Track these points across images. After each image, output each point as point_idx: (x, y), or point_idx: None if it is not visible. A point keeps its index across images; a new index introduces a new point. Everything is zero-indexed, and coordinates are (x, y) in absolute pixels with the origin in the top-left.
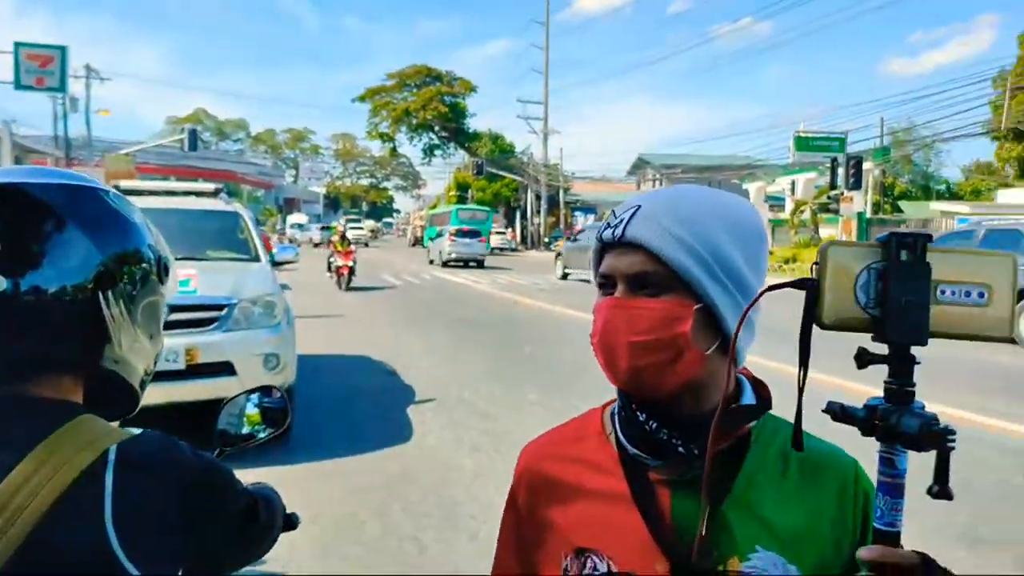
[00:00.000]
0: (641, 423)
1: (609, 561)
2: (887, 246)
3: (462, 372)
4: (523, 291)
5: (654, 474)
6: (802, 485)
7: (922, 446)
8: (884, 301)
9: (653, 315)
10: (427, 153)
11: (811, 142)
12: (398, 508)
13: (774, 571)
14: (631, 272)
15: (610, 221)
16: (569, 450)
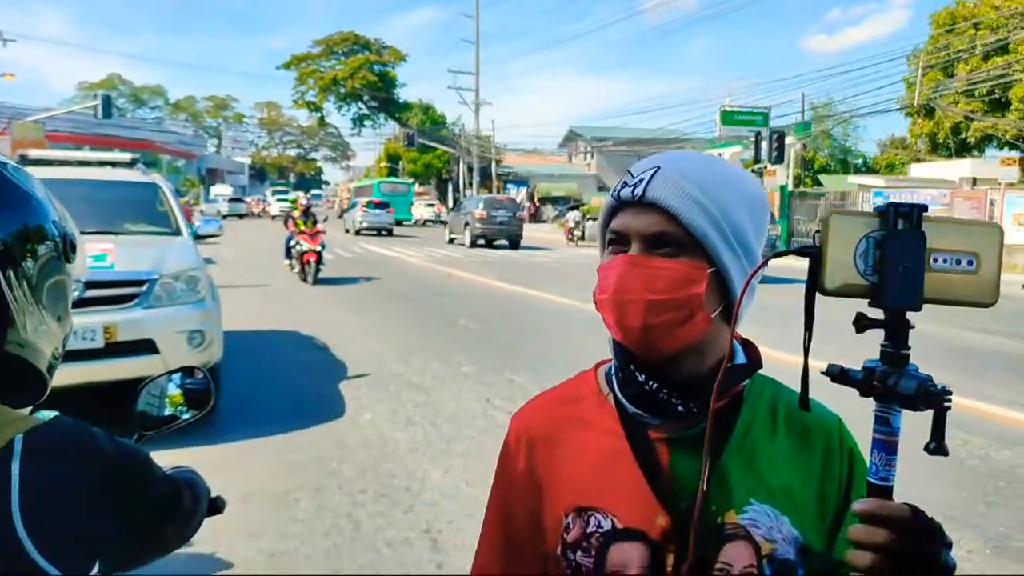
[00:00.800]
0: (640, 383)
1: (613, 518)
2: (885, 216)
3: (396, 346)
4: (457, 263)
5: (653, 432)
6: (790, 441)
7: (918, 406)
8: (882, 268)
9: (671, 275)
10: (357, 123)
11: (736, 116)
12: (333, 484)
13: (767, 522)
14: (649, 232)
15: (627, 180)
16: (566, 411)
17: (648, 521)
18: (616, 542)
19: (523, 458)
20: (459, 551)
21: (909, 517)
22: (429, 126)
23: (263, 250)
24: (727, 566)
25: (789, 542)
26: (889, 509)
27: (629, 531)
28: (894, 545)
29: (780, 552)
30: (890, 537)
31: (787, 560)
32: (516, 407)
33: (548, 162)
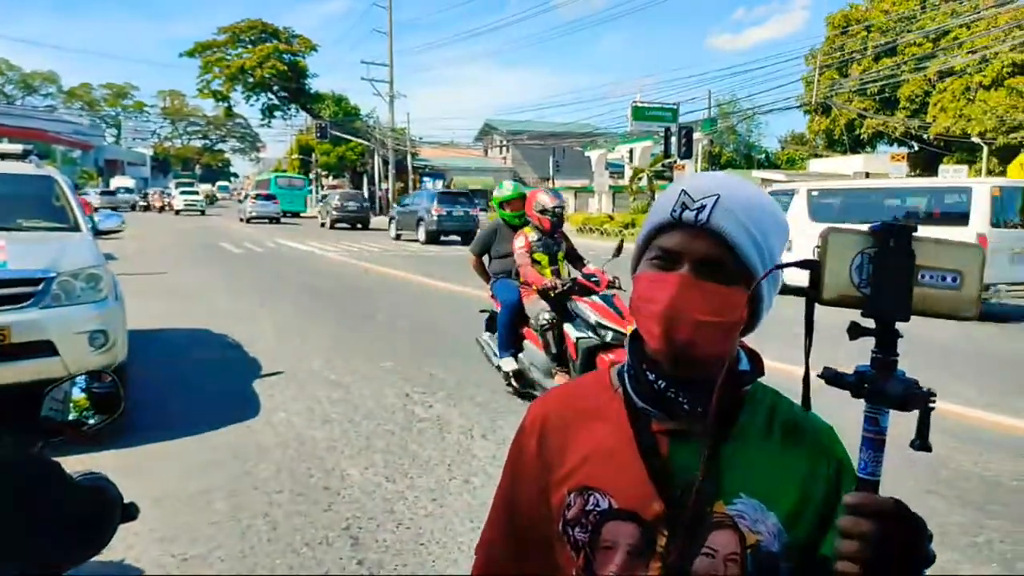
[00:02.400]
0: (651, 382)
1: (610, 499)
2: (878, 235)
3: (312, 342)
4: (374, 258)
5: (657, 425)
6: (783, 445)
7: (907, 406)
8: (874, 282)
9: (724, 300)
10: (266, 114)
11: (647, 112)
12: (248, 485)
13: (754, 515)
14: (705, 256)
15: (686, 203)
16: (579, 402)
17: (642, 504)
18: (610, 520)
19: (536, 441)
20: (381, 548)
21: (893, 509)
22: (342, 118)
23: (171, 245)
24: (712, 551)
25: (774, 536)
26: (875, 501)
27: (624, 511)
28: (879, 535)
29: (765, 544)
30: (875, 527)
31: (771, 552)
32: (436, 401)
33: (464, 155)
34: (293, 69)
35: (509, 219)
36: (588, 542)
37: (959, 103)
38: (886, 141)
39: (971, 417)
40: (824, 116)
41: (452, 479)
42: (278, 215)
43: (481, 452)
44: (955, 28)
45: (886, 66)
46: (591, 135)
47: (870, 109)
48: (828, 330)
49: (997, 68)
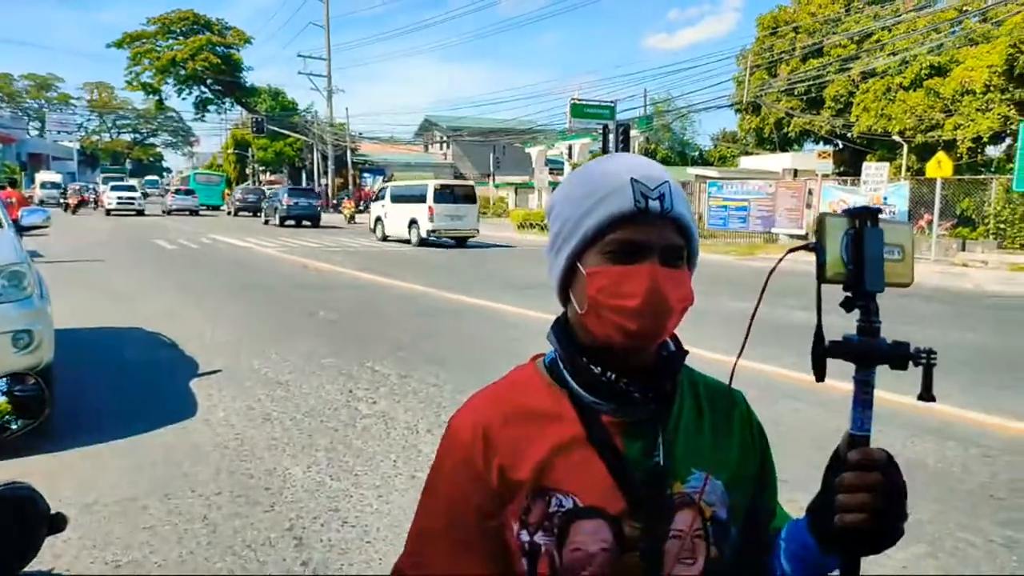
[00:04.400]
0: (597, 374)
1: (574, 498)
2: (857, 216)
3: (250, 340)
4: (313, 254)
5: (607, 417)
6: (713, 415)
7: (912, 363)
8: (858, 259)
9: (686, 285)
10: (199, 108)
11: (585, 109)
12: (185, 488)
13: (707, 488)
14: (671, 244)
15: (644, 192)
16: (519, 402)
17: (607, 499)
18: (577, 520)
19: (480, 451)
20: (327, 548)
21: (888, 460)
22: (279, 112)
23: (100, 243)
24: (680, 532)
25: (723, 504)
26: (875, 455)
27: (590, 509)
28: (884, 484)
29: (718, 514)
30: (879, 478)
31: (722, 519)
32: (380, 397)
33: (405, 151)
34: (227, 62)
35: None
36: (556, 546)
37: (881, 103)
38: (813, 139)
39: (896, 402)
40: (754, 115)
41: (398, 475)
42: (196, 208)
43: (427, 447)
44: (877, 31)
45: (813, 67)
46: (531, 132)
47: (797, 108)
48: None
49: (916, 70)
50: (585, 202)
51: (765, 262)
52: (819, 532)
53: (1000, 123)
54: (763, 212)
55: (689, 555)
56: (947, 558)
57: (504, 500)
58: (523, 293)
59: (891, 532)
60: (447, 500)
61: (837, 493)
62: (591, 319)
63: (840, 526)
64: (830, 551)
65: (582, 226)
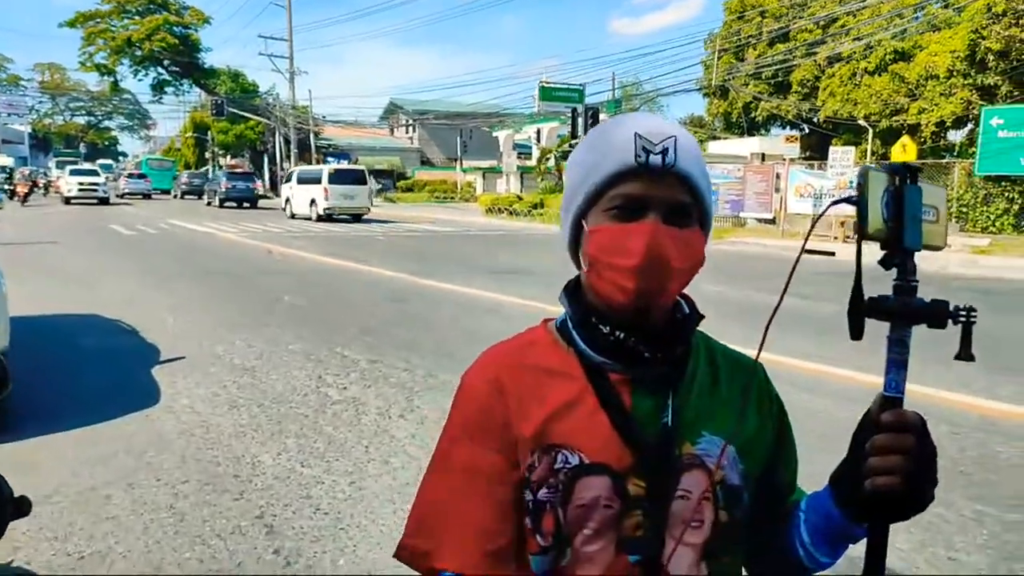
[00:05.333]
0: (606, 334)
1: (580, 454)
2: (893, 175)
3: (214, 326)
4: (277, 239)
5: (614, 375)
6: (729, 382)
7: (952, 321)
8: (897, 216)
9: (692, 244)
10: (156, 90)
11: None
12: (150, 477)
13: (717, 451)
14: (675, 201)
15: (646, 146)
16: (529, 359)
17: (613, 456)
18: (583, 476)
19: (497, 400)
20: (299, 535)
21: (922, 423)
22: (240, 95)
23: (56, 228)
24: (687, 492)
25: (735, 469)
26: (909, 417)
27: (596, 465)
28: (918, 447)
29: (729, 478)
30: (913, 441)
31: (734, 485)
32: (350, 383)
33: (369, 135)
34: (185, 43)
35: None
36: (561, 501)
37: (846, 87)
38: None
39: (862, 381)
40: (722, 99)
41: (371, 461)
42: (149, 192)
43: (399, 432)
44: (843, 16)
45: (779, 51)
46: (498, 115)
47: (765, 93)
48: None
49: (880, 55)
50: (590, 159)
51: (735, 246)
52: (846, 499)
53: (963, 108)
54: (732, 196)
55: (697, 517)
56: (921, 533)
57: (517, 455)
58: (494, 277)
59: (921, 497)
60: (467, 453)
61: (869, 456)
62: (593, 277)
63: (871, 490)
64: (858, 518)
65: (587, 183)
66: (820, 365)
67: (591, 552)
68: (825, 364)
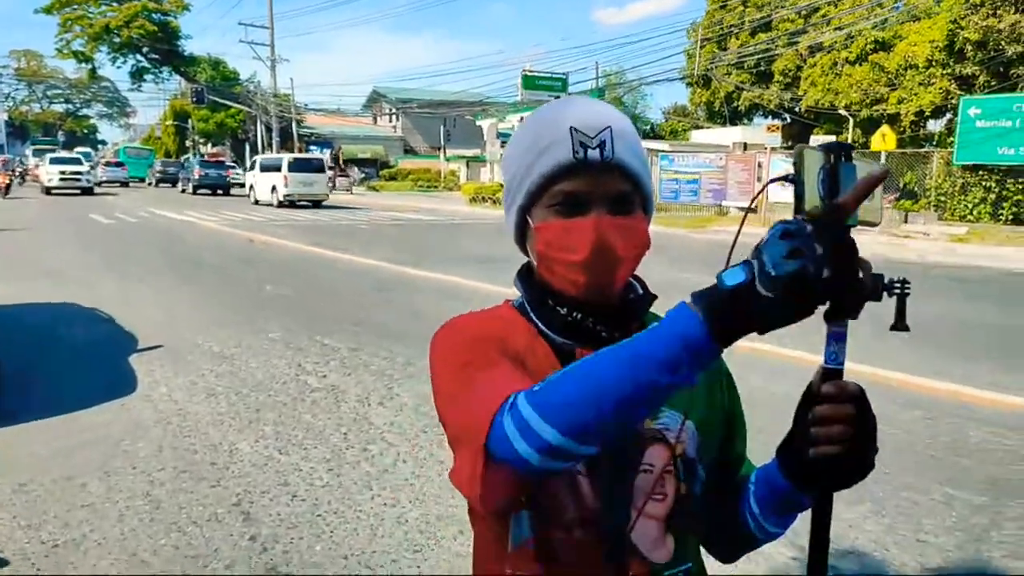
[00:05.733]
0: (563, 315)
1: None
2: (828, 153)
3: (193, 315)
4: (258, 228)
5: (580, 351)
6: None
7: (887, 294)
8: (832, 195)
9: (637, 232)
10: (136, 77)
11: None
12: (126, 465)
13: (675, 425)
14: (615, 192)
15: (583, 141)
16: (500, 329)
17: None
18: None
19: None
20: (275, 522)
21: (861, 392)
22: (220, 82)
23: (34, 217)
24: (649, 466)
25: (692, 442)
26: (849, 387)
27: None
28: (857, 416)
29: (688, 452)
30: (854, 410)
31: (691, 458)
32: (330, 371)
33: (352, 123)
34: (164, 29)
35: None
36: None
37: (827, 77)
38: (762, 113)
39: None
40: (705, 88)
41: (349, 448)
42: (126, 180)
43: (378, 419)
44: (824, 5)
45: (762, 41)
46: (482, 104)
47: (747, 82)
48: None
49: (861, 44)
50: (528, 155)
51: (718, 235)
52: (792, 469)
53: (941, 97)
54: (714, 185)
55: (660, 490)
56: (892, 516)
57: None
58: (477, 266)
59: (863, 464)
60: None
61: (811, 426)
62: (544, 272)
63: (815, 458)
64: (803, 488)
65: (528, 180)
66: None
67: (558, 524)
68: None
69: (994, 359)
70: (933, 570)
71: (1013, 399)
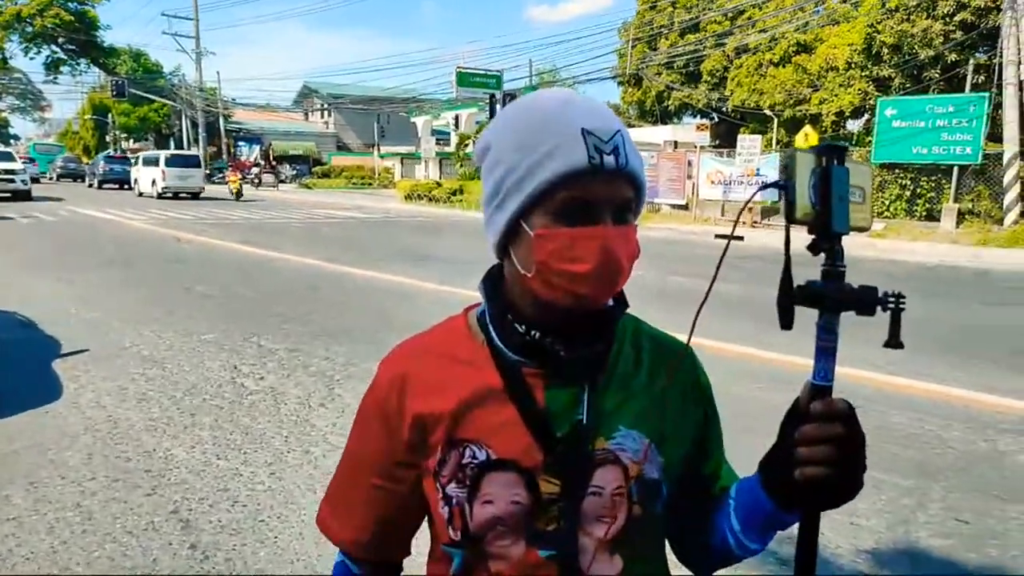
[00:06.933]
0: (521, 333)
1: (488, 450)
2: (825, 154)
3: (121, 318)
4: (186, 226)
5: (528, 369)
6: (652, 370)
7: (880, 308)
8: (825, 199)
9: (635, 240)
10: (51, 69)
11: (471, 78)
12: (53, 475)
13: (634, 446)
14: (624, 200)
15: (599, 146)
16: (440, 351)
17: (523, 452)
18: (490, 472)
19: (394, 398)
20: (216, 529)
21: (851, 411)
22: (142, 75)
23: None
24: (599, 488)
25: (653, 463)
26: (837, 405)
27: (503, 461)
28: (846, 435)
29: (646, 472)
30: (842, 429)
31: (652, 479)
32: (268, 372)
33: (283, 119)
34: (81, 19)
35: None
36: (466, 498)
37: (753, 78)
38: (691, 112)
39: (777, 360)
40: (636, 88)
41: (290, 451)
42: (37, 176)
43: (320, 421)
44: (749, 8)
45: (690, 42)
46: (416, 101)
47: (677, 82)
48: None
49: (784, 47)
50: (531, 154)
51: (651, 232)
52: (775, 487)
53: (860, 98)
54: (647, 183)
55: (607, 513)
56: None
57: (420, 449)
58: (413, 263)
59: (852, 484)
60: (356, 444)
61: (798, 446)
62: (538, 283)
63: (801, 480)
64: (787, 506)
65: (529, 182)
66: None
67: (502, 548)
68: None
69: (914, 349)
70: (866, 552)
71: (933, 386)
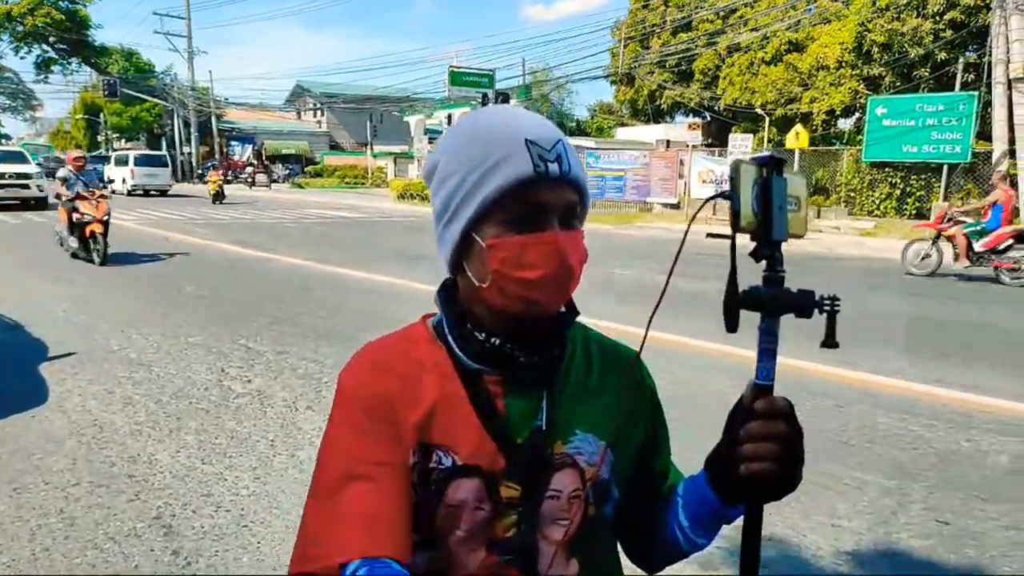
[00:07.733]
0: (481, 340)
1: (454, 455)
2: (766, 165)
3: (108, 320)
4: (176, 226)
5: (489, 377)
6: (602, 374)
7: (817, 311)
8: (765, 208)
9: (583, 244)
10: (42, 68)
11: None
12: (37, 480)
13: (589, 449)
14: (569, 204)
15: (543, 155)
16: (405, 355)
17: (486, 458)
18: (455, 478)
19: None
20: (199, 535)
21: (790, 408)
22: (134, 75)
23: None
24: (557, 492)
25: (607, 464)
26: (779, 404)
27: (468, 467)
28: (788, 431)
29: (602, 474)
30: (784, 426)
31: (603, 480)
32: (255, 375)
33: (276, 119)
34: (72, 18)
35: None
36: (434, 502)
37: (744, 77)
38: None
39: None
40: (629, 87)
41: (277, 455)
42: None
43: (308, 425)
44: (741, 7)
45: (683, 40)
46: (408, 99)
47: (669, 81)
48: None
49: (776, 45)
50: (477, 168)
51: (643, 231)
52: (721, 483)
53: (851, 97)
54: (638, 182)
55: (564, 515)
56: (807, 501)
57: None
58: (405, 264)
59: (792, 478)
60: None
61: (742, 443)
62: (493, 293)
63: (746, 475)
64: (733, 502)
65: (477, 194)
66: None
67: (463, 553)
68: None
69: (899, 348)
70: (847, 553)
71: (917, 386)
